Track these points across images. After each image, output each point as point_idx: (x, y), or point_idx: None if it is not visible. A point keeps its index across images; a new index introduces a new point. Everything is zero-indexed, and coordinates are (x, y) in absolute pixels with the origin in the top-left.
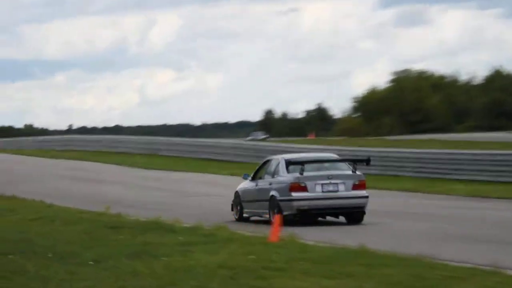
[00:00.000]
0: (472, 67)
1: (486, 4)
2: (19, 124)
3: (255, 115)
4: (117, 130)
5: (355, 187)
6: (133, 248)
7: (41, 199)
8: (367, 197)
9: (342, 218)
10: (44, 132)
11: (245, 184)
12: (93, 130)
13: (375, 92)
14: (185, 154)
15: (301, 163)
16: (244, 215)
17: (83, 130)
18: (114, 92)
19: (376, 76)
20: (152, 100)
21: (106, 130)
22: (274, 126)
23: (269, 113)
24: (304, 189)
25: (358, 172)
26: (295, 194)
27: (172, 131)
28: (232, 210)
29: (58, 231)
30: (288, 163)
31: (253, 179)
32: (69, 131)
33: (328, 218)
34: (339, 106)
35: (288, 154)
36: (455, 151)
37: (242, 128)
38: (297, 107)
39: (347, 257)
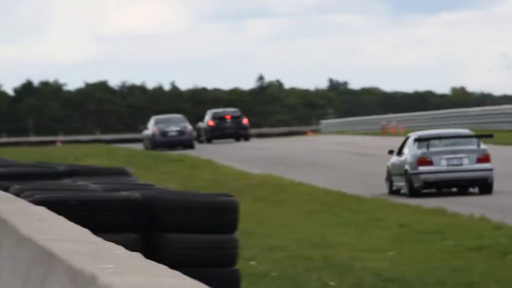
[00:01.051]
0: None
1: None
2: (442, 87)
3: None
4: None
5: (479, 160)
6: None
7: (483, 214)
8: (491, 169)
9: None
10: (485, 99)
11: (393, 159)
12: None
13: None
14: None
15: (427, 139)
16: (393, 188)
17: None
18: None
19: None
20: None
21: None
22: None
23: None
24: (430, 163)
25: (482, 147)
26: (422, 168)
27: None
28: (386, 183)
29: None
30: (416, 139)
31: (398, 154)
32: None
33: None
34: None
35: (421, 131)
36: None
37: None
38: None
39: None
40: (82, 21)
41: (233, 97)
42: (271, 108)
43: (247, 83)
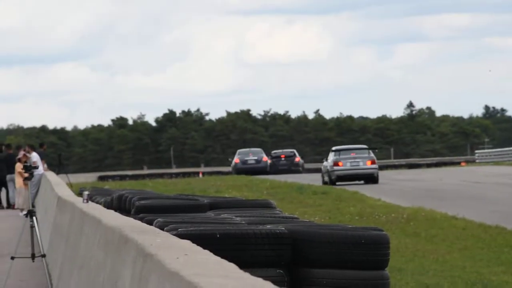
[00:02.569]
0: None
1: None
2: None
3: None
4: None
5: (369, 163)
6: None
7: None
8: (376, 168)
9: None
10: None
11: (324, 163)
12: None
13: None
14: None
15: (339, 150)
16: (324, 180)
17: None
18: None
19: None
20: None
21: None
22: None
23: None
24: (340, 164)
25: (371, 155)
26: (335, 167)
27: None
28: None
29: None
30: (333, 150)
31: (326, 160)
32: None
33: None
34: None
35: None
36: None
37: None
38: None
39: None
40: (225, 49)
41: (380, 125)
42: (421, 137)
43: (396, 111)
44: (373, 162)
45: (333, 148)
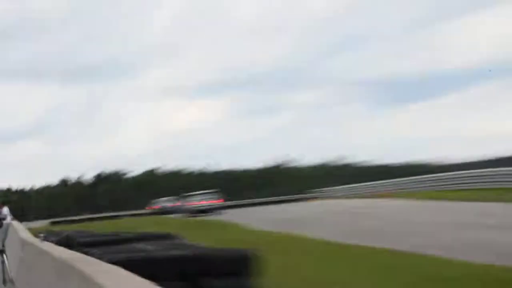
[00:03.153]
0: None
1: None
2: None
3: None
4: None
5: (213, 202)
6: None
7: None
8: (220, 205)
9: None
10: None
11: (182, 202)
12: None
13: None
14: None
15: (192, 195)
16: (182, 215)
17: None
18: None
19: None
20: None
21: None
22: None
23: None
24: (193, 203)
25: (215, 195)
26: (188, 205)
27: None
28: None
29: None
30: (187, 195)
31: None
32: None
33: None
34: None
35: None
36: None
37: None
38: None
39: None
40: (146, 122)
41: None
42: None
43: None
44: (217, 201)
45: (187, 194)
